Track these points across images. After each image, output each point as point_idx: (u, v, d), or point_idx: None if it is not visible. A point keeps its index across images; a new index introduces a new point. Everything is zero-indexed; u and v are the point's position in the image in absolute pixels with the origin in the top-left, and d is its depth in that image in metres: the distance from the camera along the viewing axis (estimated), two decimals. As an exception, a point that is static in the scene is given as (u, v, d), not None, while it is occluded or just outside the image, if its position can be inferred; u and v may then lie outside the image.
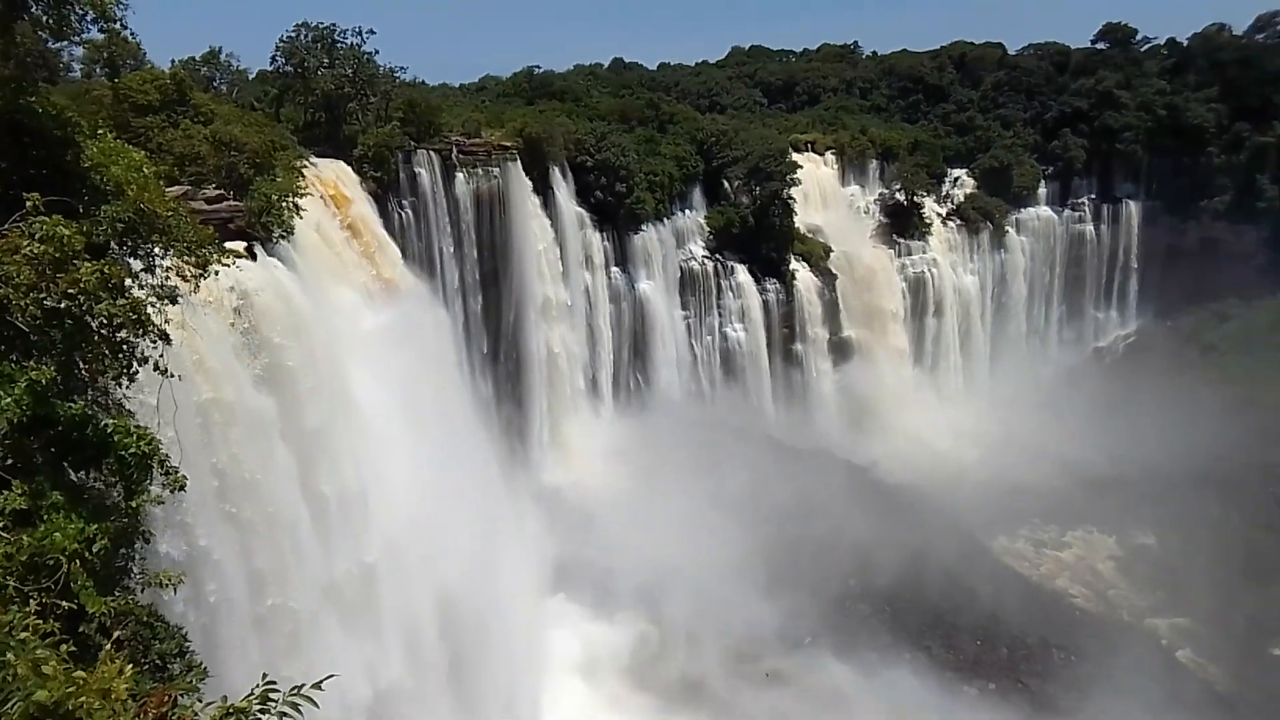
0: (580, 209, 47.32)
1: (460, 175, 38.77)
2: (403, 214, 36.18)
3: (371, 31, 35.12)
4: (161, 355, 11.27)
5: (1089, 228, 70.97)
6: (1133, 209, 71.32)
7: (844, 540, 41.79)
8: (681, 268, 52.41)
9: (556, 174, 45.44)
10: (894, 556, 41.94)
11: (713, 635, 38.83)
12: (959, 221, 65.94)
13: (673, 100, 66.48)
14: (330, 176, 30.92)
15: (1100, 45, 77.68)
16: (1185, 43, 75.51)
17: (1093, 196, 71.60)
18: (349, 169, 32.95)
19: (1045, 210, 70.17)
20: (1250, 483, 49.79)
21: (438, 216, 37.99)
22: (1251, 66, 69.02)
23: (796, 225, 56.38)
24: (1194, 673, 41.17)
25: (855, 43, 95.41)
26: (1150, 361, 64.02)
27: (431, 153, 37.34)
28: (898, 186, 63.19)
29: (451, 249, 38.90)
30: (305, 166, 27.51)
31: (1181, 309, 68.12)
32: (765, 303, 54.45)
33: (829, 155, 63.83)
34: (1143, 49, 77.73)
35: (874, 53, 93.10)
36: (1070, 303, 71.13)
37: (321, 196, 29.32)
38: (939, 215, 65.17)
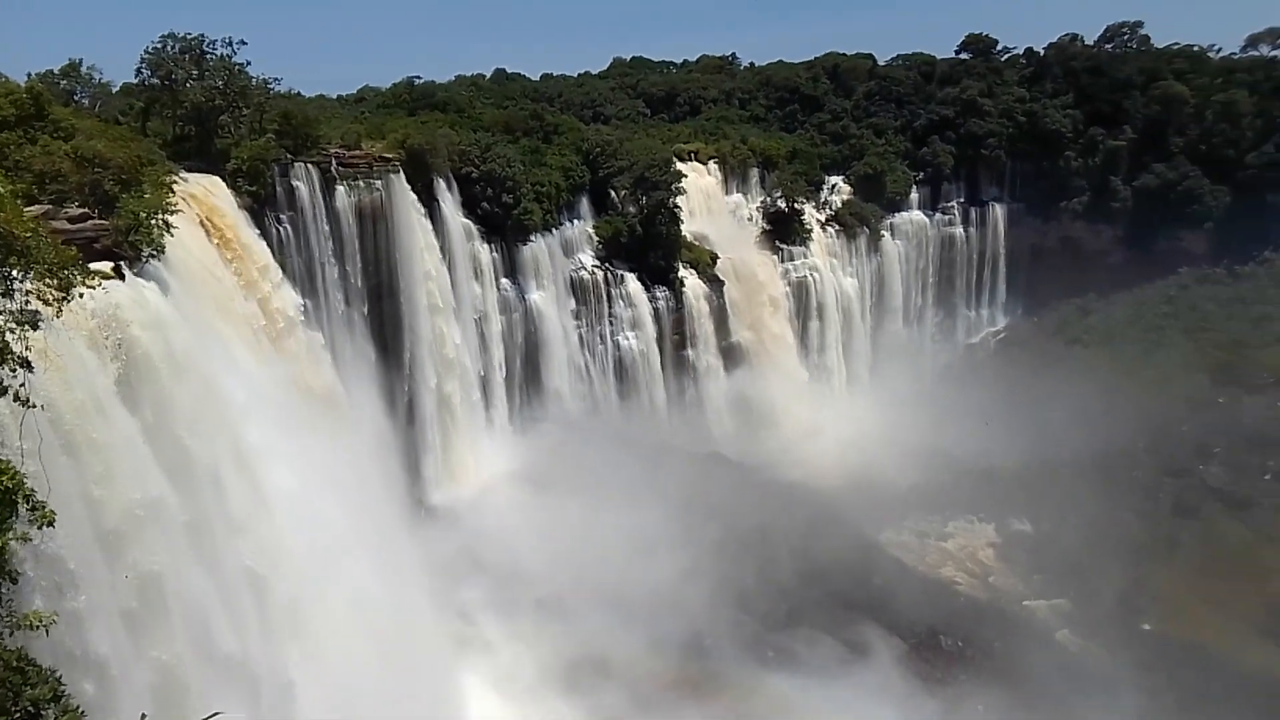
0: (467, 220, 46.82)
1: (341, 188, 37.82)
2: (281, 229, 35.02)
3: (243, 42, 33.90)
4: (23, 385, 10.62)
5: (959, 230, 74.27)
6: (998, 211, 74.99)
7: (740, 541, 42.47)
8: (572, 277, 52.44)
9: (441, 185, 44.86)
10: (789, 554, 42.91)
11: (616, 645, 38.84)
12: (837, 227, 68.10)
13: (557, 111, 66.57)
14: (202, 192, 29.69)
15: (964, 55, 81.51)
16: (1041, 52, 79.96)
17: (961, 200, 75.00)
18: (222, 184, 31.73)
19: (918, 214, 73.14)
20: (1116, 468, 52.73)
21: (318, 231, 36.94)
22: (1102, 74, 73.57)
23: (683, 233, 57.17)
24: (1072, 651, 43.40)
25: (733, 54, 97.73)
26: (1020, 356, 67.32)
27: (310, 165, 36.29)
28: (778, 194, 64.80)
29: (334, 264, 37.87)
30: (175, 182, 26.34)
31: (1047, 305, 71.98)
32: (656, 310, 54.99)
33: (712, 164, 65.02)
34: (1003, 59, 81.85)
35: (751, 64, 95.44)
36: (944, 302, 74.27)
37: (197, 215, 28.15)
38: (819, 221, 67.17)
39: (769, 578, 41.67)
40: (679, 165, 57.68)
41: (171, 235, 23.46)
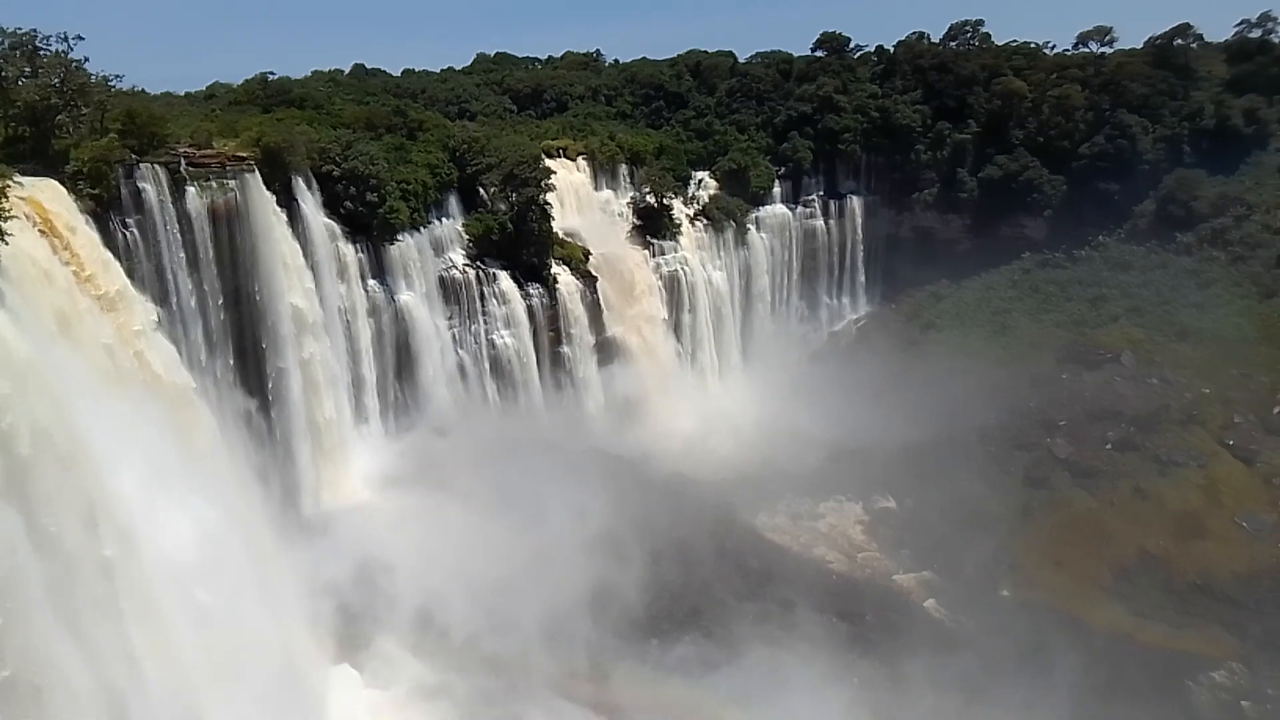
0: (330, 220, 45.44)
1: (192, 189, 36.02)
2: (128, 233, 33.14)
3: (79, 38, 31.91)
4: None
5: (819, 223, 76.83)
6: (856, 204, 77.93)
7: (621, 535, 42.84)
8: (443, 277, 51.61)
9: (301, 185, 43.36)
10: (669, 543, 43.66)
11: (497, 647, 38.71)
12: (705, 221, 69.44)
13: (421, 107, 65.25)
14: (40, 196, 27.85)
15: (819, 53, 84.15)
16: (891, 50, 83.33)
17: (821, 194, 77.59)
18: (61, 187, 29.83)
19: (781, 208, 75.28)
20: (971, 444, 55.70)
21: (169, 235, 35.09)
22: (948, 71, 77.33)
23: (555, 230, 57.10)
24: (939, 620, 45.79)
25: (598, 51, 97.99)
26: (880, 341, 70.31)
27: (157, 166, 34.44)
28: (647, 190, 65.56)
29: (187, 269, 36.11)
30: (9, 186, 24.65)
31: (903, 292, 75.32)
32: (530, 308, 54.75)
33: (581, 161, 65.17)
34: (855, 56, 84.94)
35: (616, 61, 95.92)
36: (808, 292, 76.76)
37: (34, 221, 26.39)
38: (687, 216, 68.33)
39: (650, 569, 42.23)
40: (548, 162, 57.53)
41: (6, 243, 22.01)
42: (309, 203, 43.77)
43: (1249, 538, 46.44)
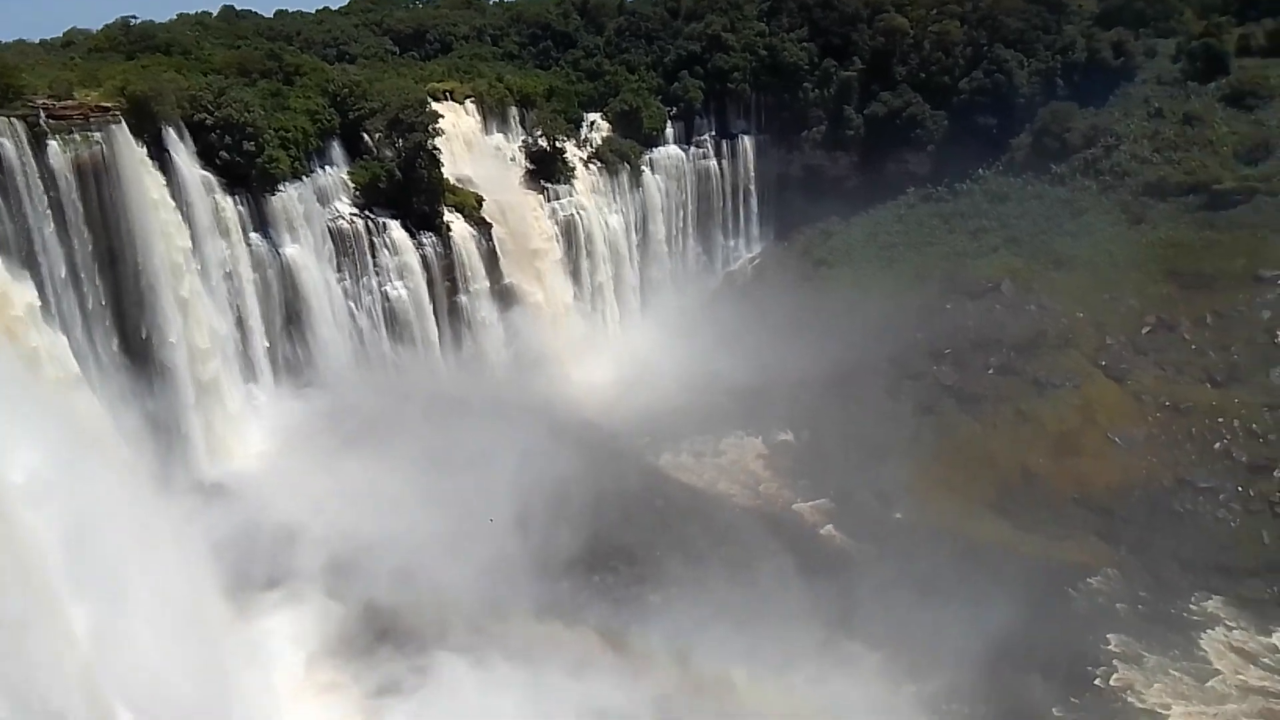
0: (206, 172, 43.39)
1: (54, 144, 33.97)
2: (-15, 194, 31.18)
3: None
4: None
5: (712, 163, 77.10)
6: (747, 143, 78.41)
7: (529, 483, 43.01)
8: (330, 228, 49.99)
9: (172, 135, 41.24)
10: (577, 488, 44.01)
11: (406, 603, 38.74)
12: (599, 164, 68.84)
13: (297, 51, 62.57)
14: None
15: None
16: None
17: (713, 134, 77.69)
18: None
19: (674, 149, 75.17)
20: (863, 375, 57.54)
21: (31, 194, 33.13)
22: (832, 8, 77.73)
23: (446, 176, 55.77)
24: (837, 545, 47.76)
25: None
26: (775, 280, 71.54)
27: (14, 120, 32.34)
28: (539, 133, 64.51)
29: (52, 230, 34.15)
30: None
31: (795, 230, 76.55)
32: (424, 258, 53.58)
33: (469, 104, 63.49)
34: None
35: (500, 0, 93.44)
36: (704, 233, 77.28)
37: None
38: (580, 159, 67.59)
39: (557, 514, 42.56)
40: (435, 105, 55.99)
41: None
42: (182, 154, 41.73)
43: (1121, 452, 49.50)
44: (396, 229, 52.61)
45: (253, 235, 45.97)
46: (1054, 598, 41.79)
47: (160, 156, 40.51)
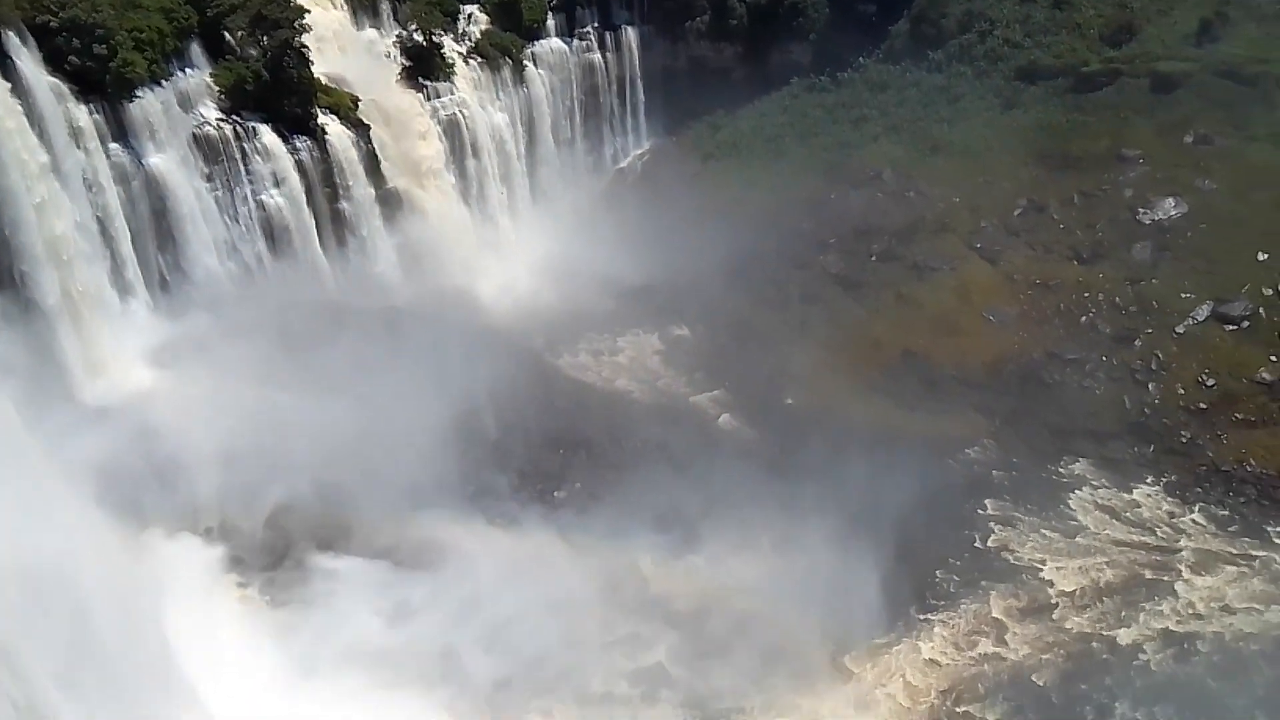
0: (55, 79, 40.41)
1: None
2: None
3: None
4: None
5: (596, 56, 75.17)
6: (631, 35, 76.59)
7: (427, 391, 42.85)
8: (196, 135, 47.25)
9: (13, 40, 38.11)
10: (477, 393, 44.21)
11: (315, 522, 38.81)
12: (480, 59, 66.34)
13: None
14: None
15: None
16: None
17: (595, 25, 75.36)
18: None
19: (556, 42, 72.90)
20: (753, 267, 58.50)
21: None
22: (706, -106, 75.65)
23: (317, 76, 53.03)
24: (732, 433, 49.43)
25: None
26: (665, 176, 71.23)
27: None
28: (414, 27, 61.62)
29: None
30: None
31: (683, 125, 75.98)
32: (299, 163, 51.26)
33: (336, -3, 60.11)
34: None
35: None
36: (591, 130, 75.85)
37: None
38: (460, 55, 64.92)
39: (458, 421, 42.80)
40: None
41: None
42: (27, 60, 38.72)
43: (995, 330, 52.21)
44: (268, 134, 50.07)
45: (112, 146, 43.35)
46: (935, 470, 44.40)
47: (2, 64, 37.57)
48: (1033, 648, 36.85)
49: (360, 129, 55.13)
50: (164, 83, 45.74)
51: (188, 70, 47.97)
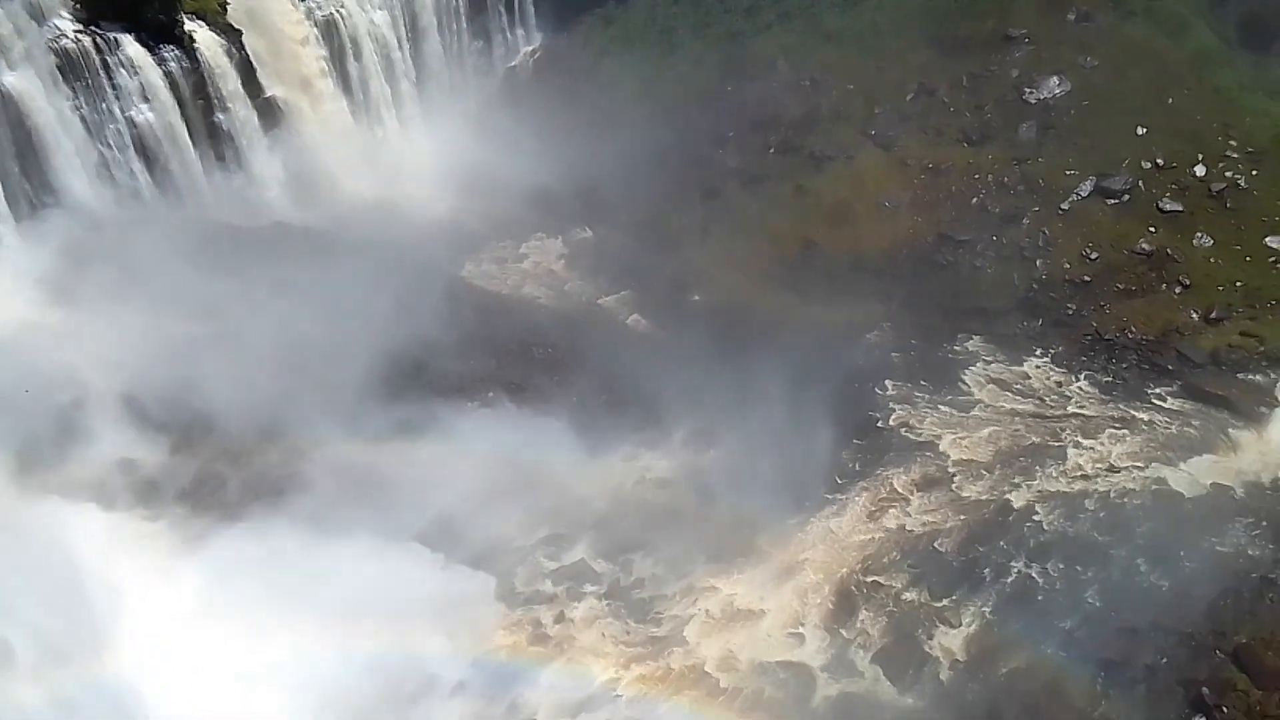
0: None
1: None
2: None
3: None
4: None
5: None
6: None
7: (326, 307, 41.88)
8: (53, 49, 43.93)
9: None
10: (380, 306, 43.25)
11: (216, 451, 38.11)
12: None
13: None
14: None
15: None
16: None
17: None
18: None
19: (436, -69, 69.30)
20: (653, 165, 57.81)
21: None
22: None
23: (179, -21, 49.58)
24: (641, 332, 49.86)
25: None
26: (558, 74, 69.28)
27: None
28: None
29: None
30: None
31: (574, 20, 73.26)
32: (169, 74, 48.22)
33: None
34: None
35: None
36: (478, 28, 72.66)
37: None
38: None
39: (361, 335, 41.95)
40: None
41: None
42: None
43: (889, 216, 53.10)
44: (131, 44, 46.83)
45: (-42, 65, 40.09)
46: (837, 356, 45.59)
47: None
48: (934, 517, 38.91)
49: (231, 34, 51.94)
50: (9, -7, 42.21)
51: (35, -22, 44.29)
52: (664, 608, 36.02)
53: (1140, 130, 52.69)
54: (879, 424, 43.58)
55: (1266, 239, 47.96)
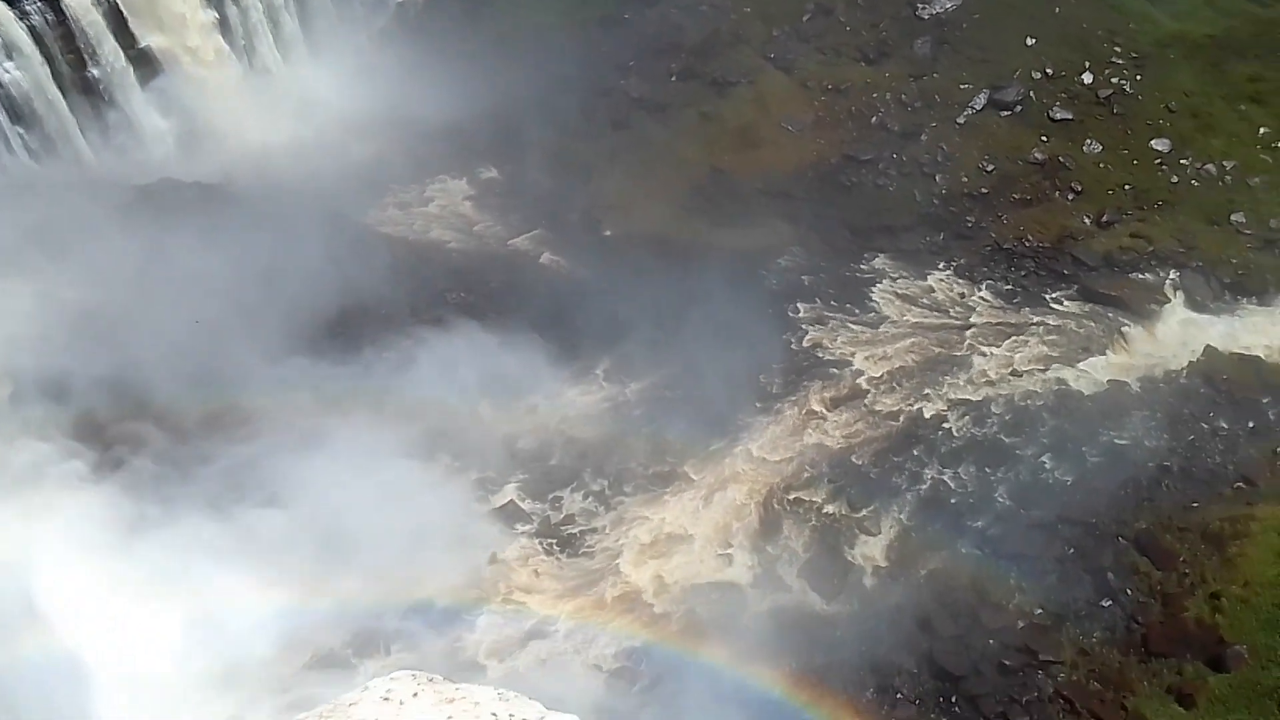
0: None
1: None
2: None
3: None
4: None
5: (357, -124, 68.44)
6: None
7: (234, 270, 40.55)
8: (-105, 6, 40.90)
9: None
10: (280, 262, 41.93)
11: (129, 409, 37.03)
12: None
13: None
14: None
15: None
16: None
17: None
18: None
19: None
20: (555, 98, 56.83)
21: None
22: None
23: (30, -77, 46.23)
24: (556, 270, 49.52)
25: None
26: (451, 6, 67.00)
27: None
28: None
29: None
30: None
31: (462, -52, 71.08)
32: (33, 29, 45.28)
33: None
34: None
35: None
36: (363, -41, 70.03)
37: None
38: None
39: (264, 291, 40.71)
40: None
41: None
42: None
43: (794, 138, 53.55)
44: (-13, -3, 43.87)
45: None
46: (749, 281, 46.31)
47: None
48: (850, 432, 40.35)
49: (96, -18, 48.85)
50: None
51: None
52: (595, 541, 36.77)
53: (1030, 40, 53.85)
54: (793, 346, 44.55)
55: (1151, 141, 49.94)
